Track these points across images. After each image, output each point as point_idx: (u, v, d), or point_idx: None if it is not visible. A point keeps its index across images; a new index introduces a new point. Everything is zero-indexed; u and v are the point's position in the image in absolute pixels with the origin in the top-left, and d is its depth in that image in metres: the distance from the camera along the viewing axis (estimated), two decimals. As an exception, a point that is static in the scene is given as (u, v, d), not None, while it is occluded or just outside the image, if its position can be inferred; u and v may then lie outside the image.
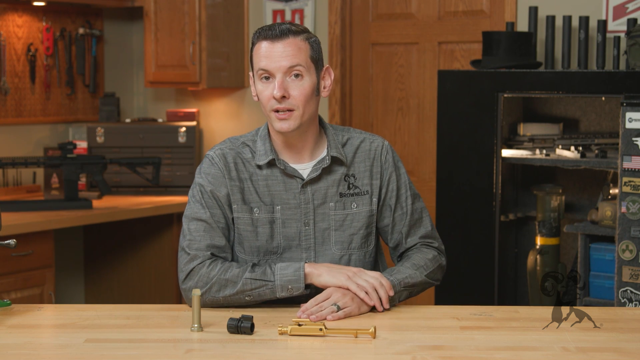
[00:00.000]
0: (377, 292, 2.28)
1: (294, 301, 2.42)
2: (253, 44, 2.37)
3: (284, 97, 2.31)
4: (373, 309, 2.31)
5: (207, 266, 2.33)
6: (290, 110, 2.33)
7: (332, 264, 2.35)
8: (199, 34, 4.71)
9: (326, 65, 2.43)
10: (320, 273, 2.30)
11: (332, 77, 2.44)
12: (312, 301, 2.25)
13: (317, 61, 2.37)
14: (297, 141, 2.41)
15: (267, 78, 2.33)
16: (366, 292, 2.27)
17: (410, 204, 2.50)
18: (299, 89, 2.33)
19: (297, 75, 2.33)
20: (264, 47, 2.33)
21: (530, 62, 3.78)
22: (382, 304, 2.28)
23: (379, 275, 2.31)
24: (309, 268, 2.30)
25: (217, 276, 2.31)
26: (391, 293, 2.30)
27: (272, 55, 2.31)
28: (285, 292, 2.29)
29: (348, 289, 2.27)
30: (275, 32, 2.32)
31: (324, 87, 2.42)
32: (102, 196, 4.58)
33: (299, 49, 2.32)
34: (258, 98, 2.38)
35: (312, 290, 2.33)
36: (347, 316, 2.24)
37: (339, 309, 2.23)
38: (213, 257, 2.36)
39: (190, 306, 2.31)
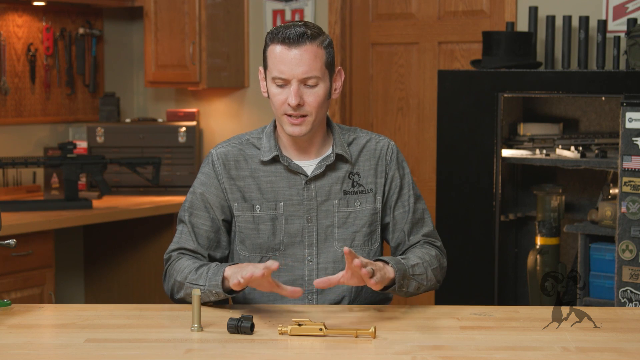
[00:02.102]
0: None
1: (294, 301, 2.43)
2: (267, 44, 2.36)
3: (298, 104, 2.32)
4: (379, 303, 2.31)
5: (172, 267, 2.40)
6: (303, 116, 2.34)
7: (242, 266, 2.24)
8: (199, 34, 4.71)
9: (338, 67, 2.43)
10: (234, 273, 2.21)
11: (343, 78, 2.45)
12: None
13: (331, 66, 2.38)
14: (304, 141, 2.43)
15: (281, 83, 2.34)
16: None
17: (412, 202, 2.50)
18: (313, 96, 2.34)
19: (312, 83, 2.33)
20: (279, 51, 2.32)
21: (530, 62, 3.78)
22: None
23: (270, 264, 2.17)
24: (228, 271, 2.24)
25: (174, 278, 2.37)
26: (275, 266, 2.13)
27: (288, 61, 2.31)
28: (214, 297, 2.29)
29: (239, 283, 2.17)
30: (291, 35, 2.30)
31: (335, 89, 2.43)
32: (102, 196, 4.58)
33: (315, 57, 2.32)
34: (268, 96, 2.39)
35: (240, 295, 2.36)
36: (377, 284, 2.17)
37: (372, 271, 2.17)
38: (180, 255, 2.41)
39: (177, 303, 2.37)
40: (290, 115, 2.34)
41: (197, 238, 2.43)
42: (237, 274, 2.18)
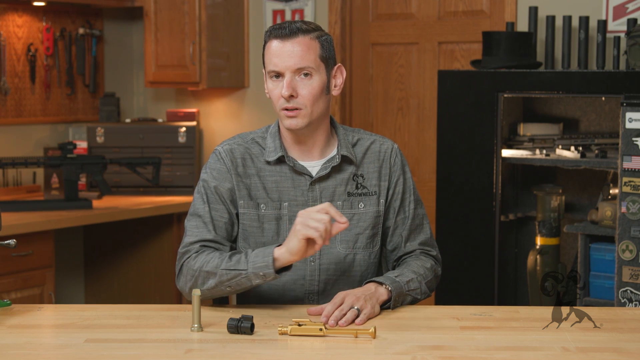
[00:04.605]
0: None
1: (293, 301, 2.43)
2: (265, 42, 2.38)
3: (291, 96, 2.32)
4: (383, 307, 2.31)
5: (193, 258, 2.34)
6: (298, 109, 2.34)
7: (289, 236, 2.24)
8: (199, 34, 4.71)
9: (338, 64, 2.43)
10: (283, 252, 2.23)
11: (344, 76, 2.44)
12: (331, 305, 2.23)
13: (327, 60, 2.38)
14: (307, 139, 2.42)
15: (277, 77, 2.35)
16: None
17: (412, 208, 2.50)
18: (307, 88, 2.33)
19: (306, 75, 2.33)
20: (274, 46, 2.34)
21: (530, 62, 3.78)
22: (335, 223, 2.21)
23: (327, 206, 2.20)
24: (277, 252, 2.24)
25: (200, 269, 2.31)
26: (344, 222, 2.19)
27: (282, 54, 2.32)
28: (259, 279, 2.25)
29: (312, 238, 2.18)
30: (285, 31, 2.33)
31: (335, 86, 2.42)
32: (102, 196, 4.58)
33: (308, 48, 2.33)
34: (269, 95, 2.39)
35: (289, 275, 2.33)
36: (368, 319, 2.22)
37: (358, 311, 2.22)
38: (202, 248, 2.36)
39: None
40: (286, 109, 2.34)
41: (216, 230, 2.40)
42: (309, 222, 2.17)
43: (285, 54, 2.32)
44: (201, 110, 5.07)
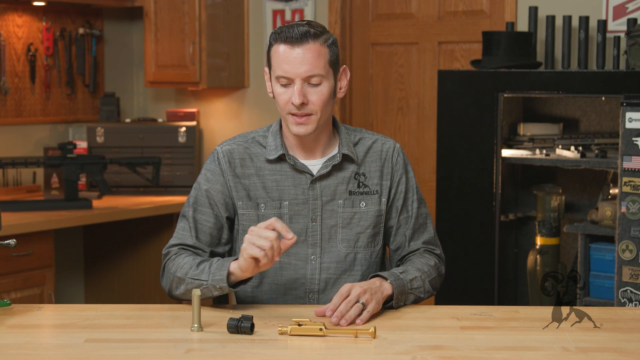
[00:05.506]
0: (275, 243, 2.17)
1: (294, 300, 2.43)
2: (271, 44, 2.35)
3: (302, 103, 2.31)
4: (386, 306, 2.31)
5: (172, 261, 2.37)
6: (308, 115, 2.33)
7: (240, 253, 2.21)
8: (199, 34, 4.71)
9: (343, 66, 2.42)
10: (235, 267, 2.23)
11: (348, 77, 2.43)
12: (338, 297, 2.21)
13: (335, 64, 2.36)
14: (310, 140, 2.42)
15: (285, 82, 2.33)
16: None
17: (416, 207, 2.50)
18: (317, 95, 2.32)
19: (316, 81, 2.32)
20: (282, 50, 2.31)
21: (530, 62, 3.78)
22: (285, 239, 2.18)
23: (273, 222, 2.16)
24: (232, 266, 2.24)
25: (174, 273, 2.34)
26: (290, 237, 2.15)
27: (291, 60, 2.30)
28: (217, 292, 2.27)
29: (256, 258, 2.16)
30: (294, 34, 2.30)
31: (340, 88, 2.42)
32: (102, 196, 4.58)
33: (318, 55, 2.30)
34: (274, 96, 2.38)
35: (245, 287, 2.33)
36: (371, 316, 2.22)
37: (363, 305, 2.21)
38: (180, 251, 2.39)
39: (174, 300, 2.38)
40: (295, 115, 2.34)
41: (199, 234, 2.42)
42: (255, 240, 2.14)
43: (296, 60, 2.30)
44: (201, 110, 5.07)
